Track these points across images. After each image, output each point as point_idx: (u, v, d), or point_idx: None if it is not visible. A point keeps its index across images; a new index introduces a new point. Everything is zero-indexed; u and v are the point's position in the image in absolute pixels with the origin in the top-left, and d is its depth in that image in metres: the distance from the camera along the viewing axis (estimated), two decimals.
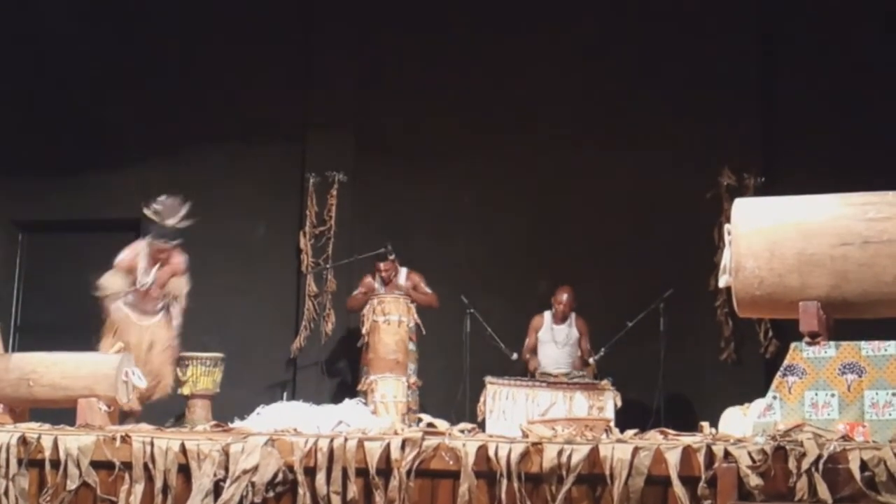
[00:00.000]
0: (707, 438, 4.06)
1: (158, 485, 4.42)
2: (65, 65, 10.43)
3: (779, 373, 4.35)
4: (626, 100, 9.80)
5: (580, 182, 9.83)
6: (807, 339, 4.34)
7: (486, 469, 4.09)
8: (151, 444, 4.46)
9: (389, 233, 9.51)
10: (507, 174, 9.99)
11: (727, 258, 4.55)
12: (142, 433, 4.60)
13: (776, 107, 9.70)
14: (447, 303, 9.17)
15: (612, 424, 5.90)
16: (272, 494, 4.28)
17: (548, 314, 9.23)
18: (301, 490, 4.25)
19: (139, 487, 4.44)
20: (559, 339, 9.11)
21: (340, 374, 9.91)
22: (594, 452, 3.99)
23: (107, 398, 6.39)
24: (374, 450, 4.21)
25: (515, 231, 9.94)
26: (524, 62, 10.08)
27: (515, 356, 8.96)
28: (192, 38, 10.43)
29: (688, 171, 9.46)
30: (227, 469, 4.33)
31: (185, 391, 8.69)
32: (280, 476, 4.28)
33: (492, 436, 4.43)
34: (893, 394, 4.17)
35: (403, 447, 4.19)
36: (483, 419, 8.21)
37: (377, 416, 7.41)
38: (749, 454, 3.81)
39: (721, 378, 9.16)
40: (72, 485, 4.51)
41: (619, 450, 3.97)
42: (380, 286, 9.19)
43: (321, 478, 4.23)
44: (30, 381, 6.41)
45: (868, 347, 4.27)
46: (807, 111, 9.44)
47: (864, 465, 3.69)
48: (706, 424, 5.17)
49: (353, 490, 4.20)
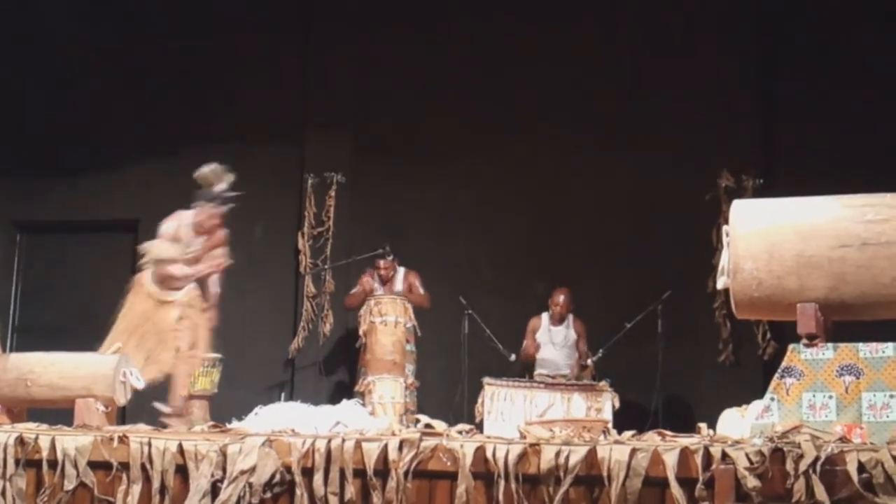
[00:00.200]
0: (705, 440, 4.06)
1: (156, 485, 4.42)
2: (64, 64, 10.42)
3: (776, 374, 4.35)
4: (625, 100, 9.80)
5: (578, 183, 9.83)
6: (805, 341, 4.34)
7: (484, 470, 4.09)
8: (149, 445, 4.46)
9: (388, 233, 9.51)
10: (506, 175, 9.98)
11: (725, 260, 4.54)
12: (139, 433, 4.60)
13: (776, 107, 9.70)
14: (445, 304, 9.17)
15: (610, 426, 5.91)
16: (270, 495, 4.27)
17: (545, 316, 9.23)
18: (298, 491, 4.24)
19: (137, 488, 4.44)
20: (557, 341, 9.11)
21: (338, 375, 9.90)
22: (592, 454, 3.99)
23: (104, 398, 6.39)
24: (372, 451, 4.20)
25: (514, 232, 9.94)
26: (523, 62, 10.08)
27: (513, 357, 8.96)
28: (190, 38, 10.41)
29: (687, 173, 9.45)
30: (225, 470, 4.33)
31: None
32: (277, 477, 4.28)
33: (489, 437, 4.43)
34: (891, 395, 4.17)
35: (401, 448, 4.18)
36: (481, 420, 8.21)
37: (375, 417, 7.41)
38: (747, 456, 3.81)
39: (719, 379, 9.16)
40: (69, 485, 4.51)
41: (617, 451, 3.96)
42: (378, 286, 9.19)
43: (319, 478, 4.23)
44: (28, 382, 6.41)
45: (866, 349, 4.27)
46: (807, 111, 9.42)
47: (862, 467, 3.69)
48: (704, 426, 5.16)
49: (351, 491, 4.20)
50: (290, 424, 4.77)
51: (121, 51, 10.44)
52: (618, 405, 8.36)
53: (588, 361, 8.93)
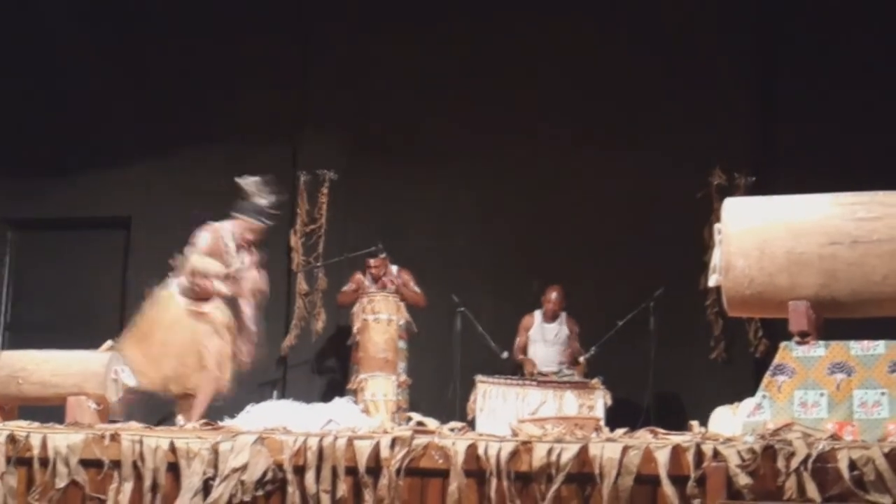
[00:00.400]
0: (696, 437, 4.06)
1: (147, 483, 4.42)
2: (57, 63, 10.38)
3: (768, 372, 4.36)
4: (621, 100, 9.78)
5: (571, 182, 9.80)
6: (796, 339, 4.35)
7: (476, 468, 4.09)
8: (141, 443, 4.46)
9: (380, 231, 9.49)
10: (499, 174, 9.95)
11: (717, 257, 4.55)
12: (131, 431, 4.59)
13: (775, 107, 9.68)
14: (438, 301, 9.16)
15: (602, 423, 5.90)
16: (261, 493, 4.28)
17: (538, 313, 9.23)
18: (290, 489, 4.24)
19: (128, 486, 4.43)
20: (549, 338, 9.12)
21: (331, 373, 9.88)
22: (584, 451, 4.00)
23: (96, 396, 6.39)
24: (364, 448, 4.21)
25: (507, 230, 9.92)
26: (519, 62, 10.05)
27: (506, 355, 8.96)
28: (187, 38, 10.39)
29: (680, 171, 9.43)
30: (217, 467, 4.33)
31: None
32: (269, 475, 4.28)
33: (481, 434, 4.44)
34: (882, 393, 4.18)
35: (393, 446, 4.18)
36: (473, 418, 8.20)
37: (367, 415, 7.39)
38: (738, 453, 3.82)
39: (711, 377, 9.16)
40: (60, 483, 4.50)
41: (609, 449, 3.97)
42: (370, 283, 9.18)
43: (310, 476, 4.23)
44: (19, 379, 6.41)
45: (857, 347, 4.27)
46: (806, 111, 9.41)
47: (853, 465, 3.70)
48: (696, 423, 5.16)
49: (343, 489, 4.20)
50: (282, 422, 4.76)
51: (117, 50, 10.41)
52: (610, 403, 8.36)
53: (580, 359, 8.93)
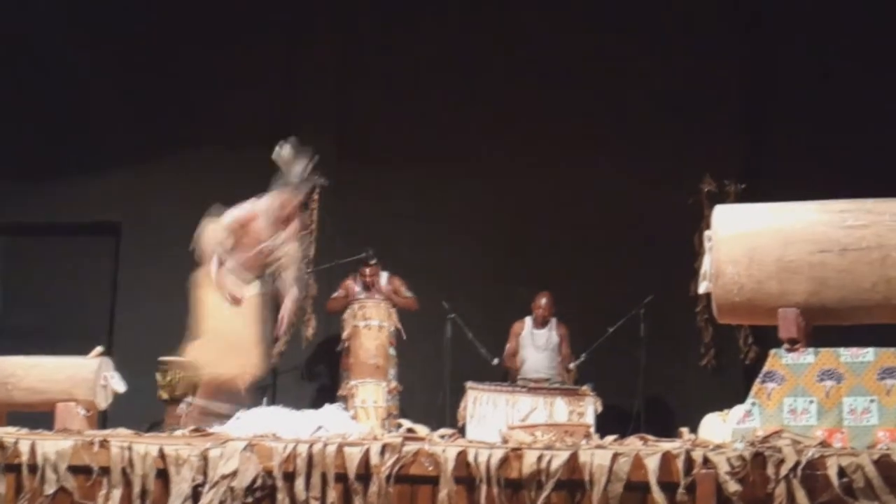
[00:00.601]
0: (686, 444, 4.06)
1: (136, 490, 4.40)
2: (44, 67, 10.37)
3: (758, 379, 4.36)
4: (612, 107, 9.81)
5: (562, 188, 9.82)
6: (786, 346, 4.35)
7: (466, 475, 4.08)
8: (130, 449, 4.43)
9: (371, 237, 9.49)
10: (489, 180, 9.97)
11: (707, 264, 4.55)
12: (120, 438, 4.58)
13: (766, 115, 9.69)
14: (428, 308, 9.16)
15: (592, 430, 5.91)
16: (251, 500, 4.26)
17: (528, 319, 9.24)
18: (280, 495, 4.23)
19: (117, 492, 4.41)
20: (539, 344, 9.13)
21: (321, 379, 9.88)
22: (574, 458, 3.99)
23: (85, 402, 6.38)
24: (354, 455, 4.20)
25: (497, 236, 9.93)
26: (508, 69, 10.08)
27: (496, 361, 8.97)
28: (173, 41, 10.39)
29: (671, 179, 9.46)
30: (206, 474, 4.31)
31: (164, 396, 8.65)
32: (259, 481, 4.26)
33: (472, 441, 4.43)
34: (871, 400, 4.18)
35: (383, 453, 4.17)
36: (463, 424, 8.20)
37: (357, 422, 7.39)
38: (728, 460, 3.82)
39: (701, 384, 9.18)
40: (49, 490, 4.48)
41: (599, 455, 3.96)
42: (361, 290, 9.18)
43: (300, 483, 4.22)
44: (8, 385, 6.40)
45: (846, 354, 4.28)
46: (796, 119, 9.43)
47: (842, 472, 3.70)
48: (686, 430, 5.16)
49: (333, 496, 4.19)
50: (272, 429, 4.76)
51: (104, 54, 10.41)
52: (600, 409, 8.37)
53: (570, 365, 8.94)
